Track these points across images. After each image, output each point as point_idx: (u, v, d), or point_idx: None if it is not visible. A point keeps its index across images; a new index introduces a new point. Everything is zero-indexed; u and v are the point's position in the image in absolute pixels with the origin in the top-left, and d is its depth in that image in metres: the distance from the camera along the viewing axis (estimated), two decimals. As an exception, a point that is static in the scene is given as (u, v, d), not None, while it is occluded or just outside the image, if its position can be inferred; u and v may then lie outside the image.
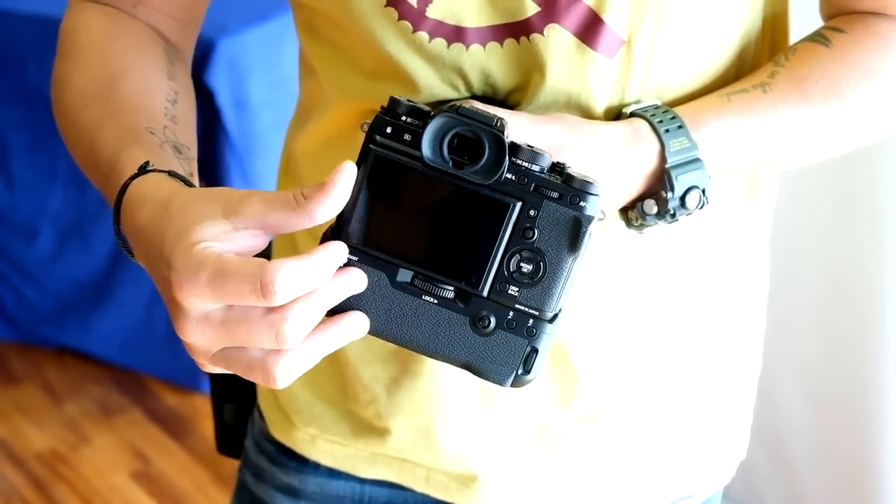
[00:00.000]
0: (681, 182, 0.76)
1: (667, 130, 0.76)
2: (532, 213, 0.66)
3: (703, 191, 0.77)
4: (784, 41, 0.88)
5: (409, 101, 0.67)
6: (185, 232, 0.64)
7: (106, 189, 0.77)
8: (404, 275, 0.67)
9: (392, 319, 0.67)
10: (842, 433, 1.97)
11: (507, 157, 0.65)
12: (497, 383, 0.68)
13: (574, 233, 0.66)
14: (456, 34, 0.77)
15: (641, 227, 0.78)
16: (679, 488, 0.96)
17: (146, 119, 0.80)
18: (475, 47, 0.77)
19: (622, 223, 0.80)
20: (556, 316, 0.68)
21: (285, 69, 2.34)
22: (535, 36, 0.77)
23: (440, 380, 0.87)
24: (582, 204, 0.66)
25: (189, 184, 0.72)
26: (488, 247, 0.66)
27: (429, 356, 0.69)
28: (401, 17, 0.77)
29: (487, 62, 0.78)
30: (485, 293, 0.67)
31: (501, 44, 0.77)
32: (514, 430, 0.89)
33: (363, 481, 0.94)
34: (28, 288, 2.58)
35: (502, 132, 0.66)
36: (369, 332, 0.67)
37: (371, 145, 0.66)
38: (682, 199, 0.76)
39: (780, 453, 2.06)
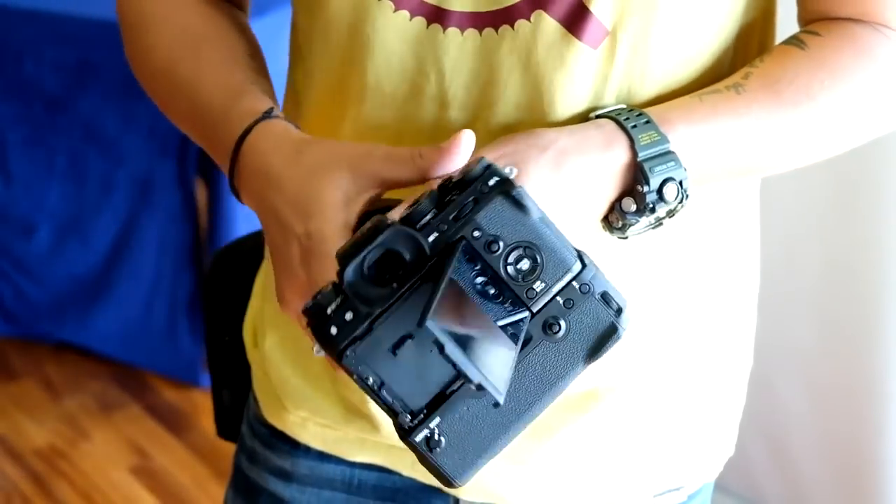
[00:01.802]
0: (655, 173, 0.74)
1: (634, 126, 0.75)
2: (476, 234, 0.65)
3: (681, 182, 0.75)
4: (772, 44, 0.87)
5: (319, 294, 0.65)
6: (323, 200, 0.70)
7: (215, 135, 0.82)
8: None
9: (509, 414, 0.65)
10: (841, 427, 1.97)
11: (421, 243, 0.64)
12: (618, 338, 0.66)
13: (514, 204, 0.65)
14: (436, 15, 0.78)
15: (624, 227, 0.76)
16: (667, 479, 0.95)
17: (241, 73, 0.84)
18: (452, 31, 0.78)
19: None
20: (580, 258, 0.66)
21: (283, 63, 2.34)
22: (521, 23, 0.77)
23: None
24: (495, 180, 0.66)
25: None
26: (493, 284, 0.64)
27: (554, 399, 0.66)
28: None
29: (463, 49, 0.78)
30: (531, 309, 0.65)
31: (480, 32, 0.77)
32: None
33: (353, 465, 0.94)
34: (26, 283, 2.58)
35: (399, 230, 0.64)
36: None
37: (344, 354, 0.63)
38: (660, 192, 0.74)
39: (778, 447, 2.06)
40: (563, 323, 0.65)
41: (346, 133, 0.84)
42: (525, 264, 0.65)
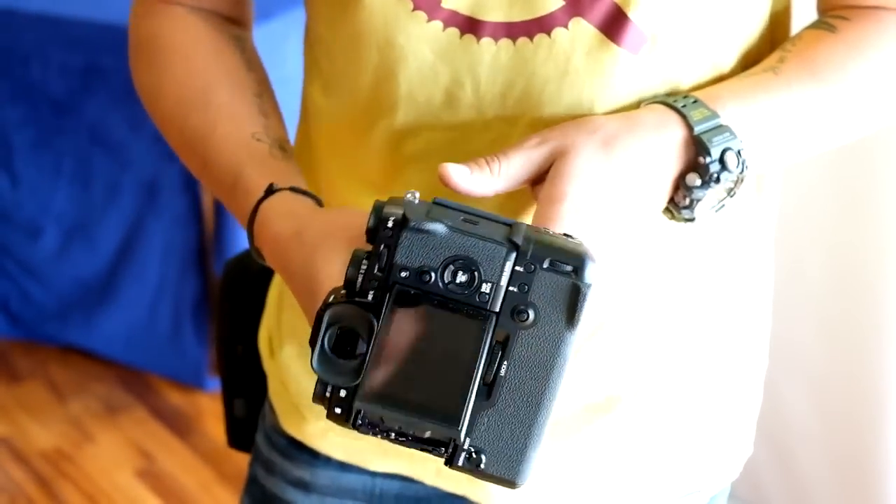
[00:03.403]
0: (715, 144, 0.75)
1: (683, 105, 0.76)
2: (404, 274, 0.65)
3: (739, 152, 0.76)
4: (785, 38, 0.89)
5: (317, 383, 0.66)
6: (321, 278, 0.70)
7: (230, 203, 0.84)
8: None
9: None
10: (847, 433, 1.97)
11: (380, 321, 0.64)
12: (588, 295, 0.65)
13: (423, 232, 0.65)
14: (469, 25, 0.78)
15: (692, 205, 0.76)
16: (686, 483, 0.96)
17: (248, 125, 0.85)
18: (486, 41, 0.78)
19: (642, 226, 0.79)
20: (510, 237, 0.65)
21: (288, 68, 2.34)
22: (558, 31, 0.77)
23: None
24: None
25: (305, 192, 0.80)
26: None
27: (561, 377, 0.66)
28: (416, 8, 0.78)
29: (497, 59, 0.78)
30: (492, 311, 0.65)
31: (514, 41, 0.78)
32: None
33: (374, 474, 0.95)
34: (32, 286, 2.59)
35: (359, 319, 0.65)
36: None
37: (358, 428, 0.65)
38: (722, 161, 0.75)
39: (785, 454, 2.06)
40: (528, 309, 0.65)
41: (376, 142, 0.84)
42: (462, 276, 0.65)
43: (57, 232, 2.53)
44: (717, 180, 0.75)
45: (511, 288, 0.65)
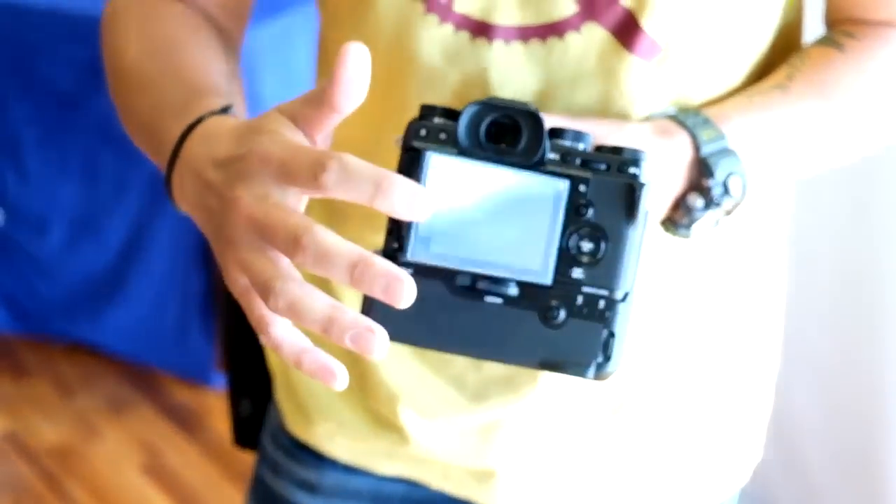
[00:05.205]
0: (721, 167, 0.75)
1: (694, 124, 0.76)
2: (582, 188, 0.64)
3: (743, 177, 0.75)
4: (799, 46, 0.88)
5: (440, 106, 0.66)
6: (261, 125, 0.62)
7: (169, 130, 0.74)
8: (463, 278, 0.63)
9: (456, 330, 0.63)
10: (856, 434, 1.96)
11: (545, 136, 0.63)
12: (578, 376, 0.64)
13: (629, 201, 0.64)
14: (481, 29, 0.77)
15: (689, 225, 0.76)
16: (695, 489, 0.95)
17: (213, 83, 0.79)
18: (498, 43, 0.77)
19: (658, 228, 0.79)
20: (627, 295, 0.65)
21: (297, 64, 2.34)
22: (571, 34, 0.76)
23: (465, 377, 0.87)
24: (632, 171, 0.64)
25: None
26: (544, 232, 0.63)
27: (500, 362, 0.65)
28: (428, 10, 0.77)
29: (509, 62, 0.77)
30: (549, 282, 0.64)
31: (526, 44, 0.77)
32: (534, 425, 0.89)
33: (380, 477, 0.94)
34: (40, 282, 2.59)
35: (537, 112, 0.64)
36: (432, 348, 0.65)
37: (407, 151, 0.64)
38: (725, 185, 0.75)
39: (794, 454, 2.06)
40: (561, 319, 0.64)
41: (386, 144, 0.83)
42: (586, 247, 0.64)
43: (64, 227, 2.53)
44: (718, 204, 0.75)
45: (579, 298, 0.64)
